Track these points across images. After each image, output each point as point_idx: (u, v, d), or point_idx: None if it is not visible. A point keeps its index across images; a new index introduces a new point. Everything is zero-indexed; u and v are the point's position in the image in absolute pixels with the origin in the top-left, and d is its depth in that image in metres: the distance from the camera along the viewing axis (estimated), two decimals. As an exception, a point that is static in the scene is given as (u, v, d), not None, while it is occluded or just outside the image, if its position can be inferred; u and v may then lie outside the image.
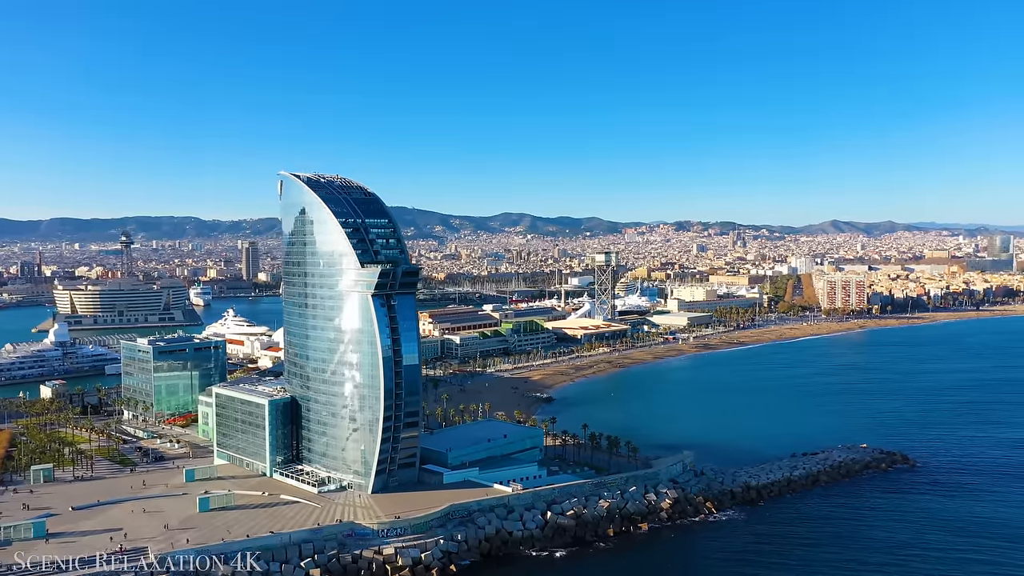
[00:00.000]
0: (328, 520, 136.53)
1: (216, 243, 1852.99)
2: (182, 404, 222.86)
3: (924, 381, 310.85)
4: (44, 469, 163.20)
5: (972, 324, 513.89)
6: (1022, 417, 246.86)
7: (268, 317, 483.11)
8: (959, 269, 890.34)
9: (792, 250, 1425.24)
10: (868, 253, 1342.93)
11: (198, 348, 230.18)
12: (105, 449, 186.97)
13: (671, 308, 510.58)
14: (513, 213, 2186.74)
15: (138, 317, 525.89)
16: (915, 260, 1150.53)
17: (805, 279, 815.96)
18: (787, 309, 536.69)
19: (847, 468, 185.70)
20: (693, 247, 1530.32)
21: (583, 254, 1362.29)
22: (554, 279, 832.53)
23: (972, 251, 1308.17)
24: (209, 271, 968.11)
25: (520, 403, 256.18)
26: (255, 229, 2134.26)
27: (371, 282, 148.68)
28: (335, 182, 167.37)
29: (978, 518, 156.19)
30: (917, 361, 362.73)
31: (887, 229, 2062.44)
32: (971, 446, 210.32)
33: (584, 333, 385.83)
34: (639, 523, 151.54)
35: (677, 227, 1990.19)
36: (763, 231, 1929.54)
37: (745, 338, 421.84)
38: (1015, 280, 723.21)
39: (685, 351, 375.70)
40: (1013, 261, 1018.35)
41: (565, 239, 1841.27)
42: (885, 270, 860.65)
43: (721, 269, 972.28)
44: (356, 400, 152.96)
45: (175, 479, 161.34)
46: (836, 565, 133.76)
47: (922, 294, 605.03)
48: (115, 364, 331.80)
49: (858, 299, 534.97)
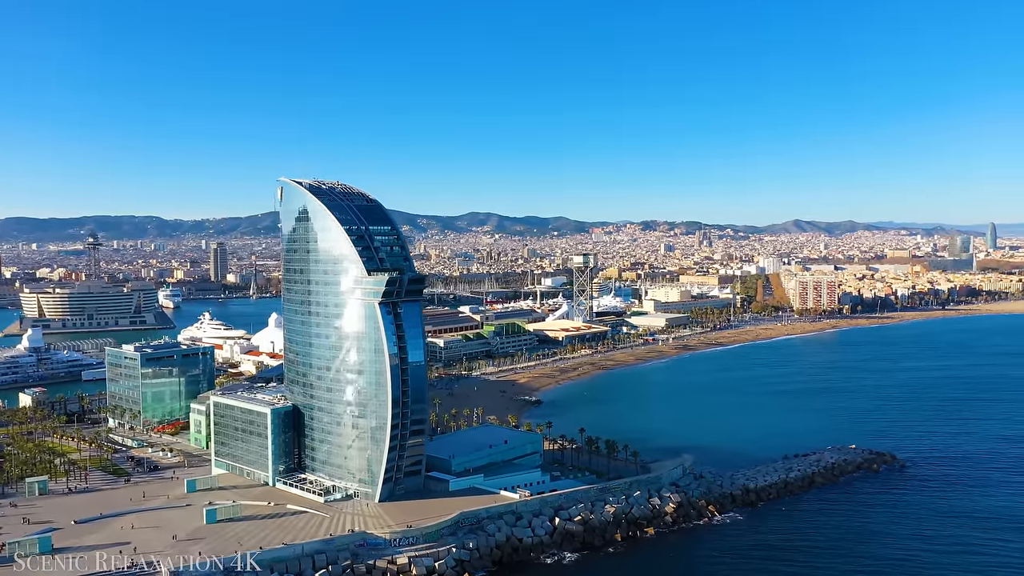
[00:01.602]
0: (339, 530, 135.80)
1: (179, 243, 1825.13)
2: (169, 411, 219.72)
3: (901, 380, 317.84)
4: (39, 481, 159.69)
5: (940, 323, 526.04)
6: (999, 414, 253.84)
7: (241, 320, 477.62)
8: (922, 269, 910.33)
9: (757, 249, 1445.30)
10: (832, 253, 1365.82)
11: (186, 354, 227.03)
12: (97, 459, 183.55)
13: (648, 309, 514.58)
14: (480, 213, 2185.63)
15: (108, 320, 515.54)
16: (877, 260, 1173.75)
17: (774, 279, 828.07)
18: (760, 309, 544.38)
19: (840, 469, 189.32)
20: (661, 247, 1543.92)
21: (552, 254, 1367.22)
22: (526, 279, 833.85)
23: (931, 250, 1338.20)
24: (176, 272, 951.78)
25: (509, 407, 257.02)
26: (218, 229, 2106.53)
27: (378, 290, 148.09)
28: (336, 188, 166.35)
29: (972, 514, 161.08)
30: (892, 360, 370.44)
31: (848, 228, 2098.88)
32: (955, 444, 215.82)
33: (565, 335, 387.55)
34: (645, 527, 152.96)
35: (644, 227, 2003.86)
36: (728, 231, 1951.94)
37: (723, 339, 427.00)
38: (977, 280, 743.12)
39: (666, 352, 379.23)
40: (973, 261, 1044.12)
41: (533, 238, 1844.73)
42: (851, 270, 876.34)
43: (690, 269, 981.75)
44: (361, 408, 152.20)
45: (176, 490, 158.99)
46: (843, 564, 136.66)
47: (890, 294, 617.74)
48: (92, 370, 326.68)
49: (829, 299, 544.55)
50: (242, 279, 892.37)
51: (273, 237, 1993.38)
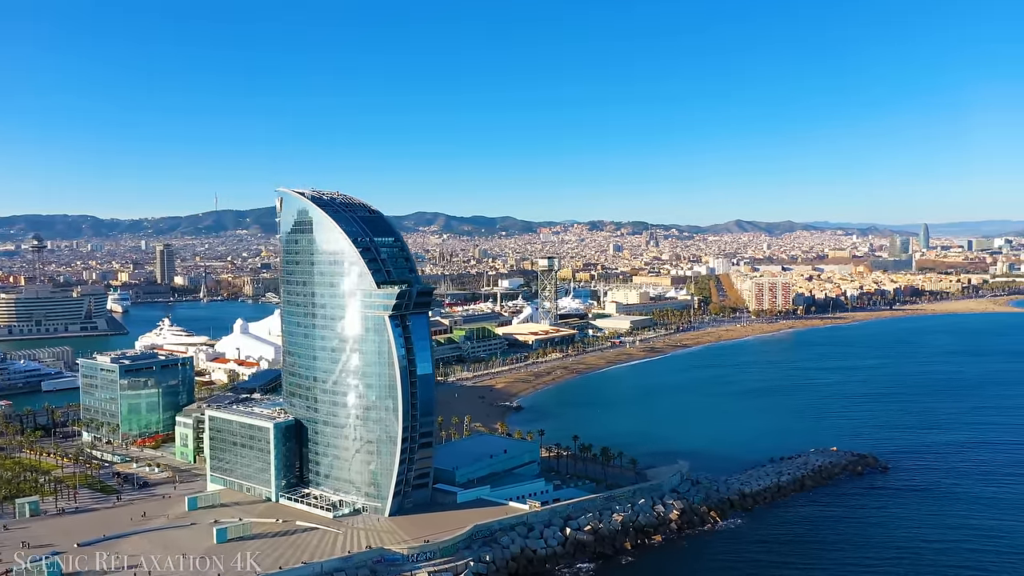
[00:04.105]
0: (355, 547, 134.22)
1: (117, 243, 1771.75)
2: (146, 424, 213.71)
3: (863, 379, 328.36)
4: (30, 502, 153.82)
5: (889, 323, 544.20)
6: (964, 412, 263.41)
7: (195, 324, 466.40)
8: (865, 269, 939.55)
9: (703, 249, 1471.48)
10: (776, 253, 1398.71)
11: (165, 365, 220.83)
12: (82, 476, 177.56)
13: (611, 311, 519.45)
14: (427, 212, 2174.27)
15: (58, 327, 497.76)
16: (820, 260, 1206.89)
17: (724, 280, 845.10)
18: (718, 311, 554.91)
19: (827, 472, 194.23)
20: (610, 247, 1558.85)
21: (503, 254, 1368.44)
22: (482, 281, 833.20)
23: (868, 250, 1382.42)
24: (120, 275, 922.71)
25: (490, 413, 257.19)
26: (158, 228, 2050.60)
27: (388, 303, 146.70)
28: (337, 199, 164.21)
29: (961, 513, 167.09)
30: (851, 359, 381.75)
31: (787, 228, 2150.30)
32: (929, 444, 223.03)
33: (535, 339, 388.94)
34: (652, 535, 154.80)
35: (591, 227, 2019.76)
36: (673, 231, 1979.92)
37: (687, 340, 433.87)
38: (919, 280, 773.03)
39: (635, 355, 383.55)
40: (912, 261, 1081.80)
41: (481, 238, 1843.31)
42: (798, 270, 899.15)
43: (642, 269, 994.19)
44: (369, 421, 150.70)
45: (176, 508, 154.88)
46: (849, 563, 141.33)
47: (839, 294, 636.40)
48: (52, 380, 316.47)
49: (784, 300, 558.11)
50: (191, 282, 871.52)
51: (216, 237, 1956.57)
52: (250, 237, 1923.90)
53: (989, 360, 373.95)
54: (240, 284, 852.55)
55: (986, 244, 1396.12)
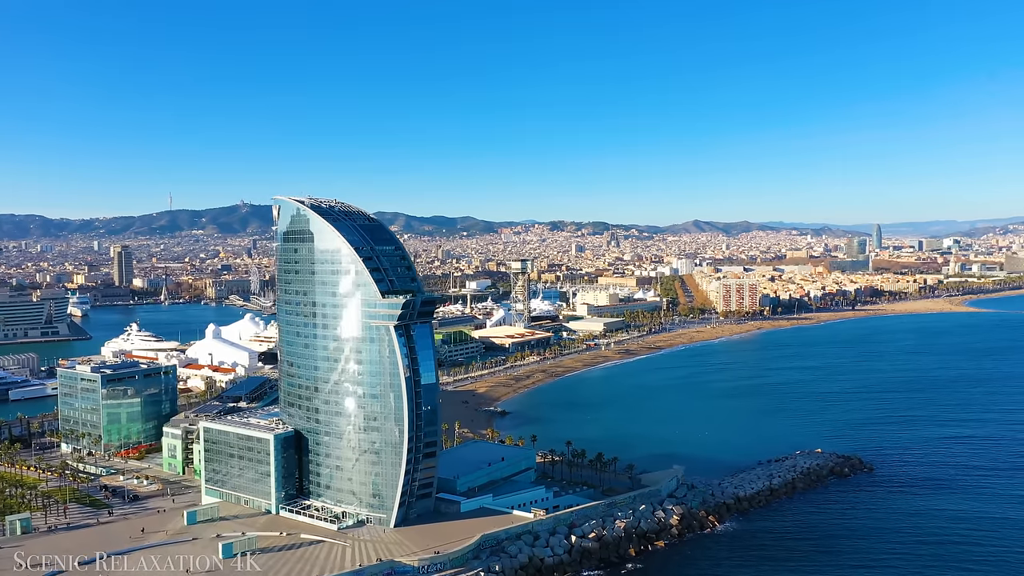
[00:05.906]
0: (365, 560, 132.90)
1: (68, 244, 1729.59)
2: (128, 435, 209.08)
3: (835, 379, 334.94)
4: (22, 519, 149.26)
5: (853, 323, 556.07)
6: (936, 411, 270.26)
7: (159, 328, 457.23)
8: (824, 270, 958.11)
9: (663, 250, 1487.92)
10: (735, 253, 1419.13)
11: (147, 374, 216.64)
12: (70, 490, 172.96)
13: (583, 313, 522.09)
14: (387, 212, 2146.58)
15: (17, 332, 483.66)
16: (778, 260, 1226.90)
17: (689, 280, 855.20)
18: (687, 312, 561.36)
19: (816, 474, 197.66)
20: (571, 247, 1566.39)
21: (467, 255, 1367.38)
22: (448, 282, 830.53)
23: (824, 250, 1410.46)
24: (75, 277, 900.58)
25: (475, 418, 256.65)
26: (110, 228, 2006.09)
27: (393, 313, 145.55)
28: (336, 207, 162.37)
29: (955, 510, 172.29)
30: (820, 359, 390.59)
31: (743, 228, 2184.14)
32: (909, 445, 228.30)
33: (511, 342, 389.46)
34: (655, 541, 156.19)
35: (552, 227, 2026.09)
36: (632, 231, 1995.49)
37: (660, 342, 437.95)
38: (878, 280, 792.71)
39: (611, 358, 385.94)
40: (869, 261, 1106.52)
41: (443, 239, 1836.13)
42: (759, 271, 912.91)
43: (607, 270, 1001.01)
44: (372, 432, 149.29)
45: (174, 522, 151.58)
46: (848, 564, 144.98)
47: (803, 295, 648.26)
48: (20, 388, 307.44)
49: (750, 301, 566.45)
50: (151, 284, 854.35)
51: (171, 237, 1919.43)
52: (207, 237, 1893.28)
53: (954, 359, 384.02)
54: (202, 286, 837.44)
55: (936, 244, 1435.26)
